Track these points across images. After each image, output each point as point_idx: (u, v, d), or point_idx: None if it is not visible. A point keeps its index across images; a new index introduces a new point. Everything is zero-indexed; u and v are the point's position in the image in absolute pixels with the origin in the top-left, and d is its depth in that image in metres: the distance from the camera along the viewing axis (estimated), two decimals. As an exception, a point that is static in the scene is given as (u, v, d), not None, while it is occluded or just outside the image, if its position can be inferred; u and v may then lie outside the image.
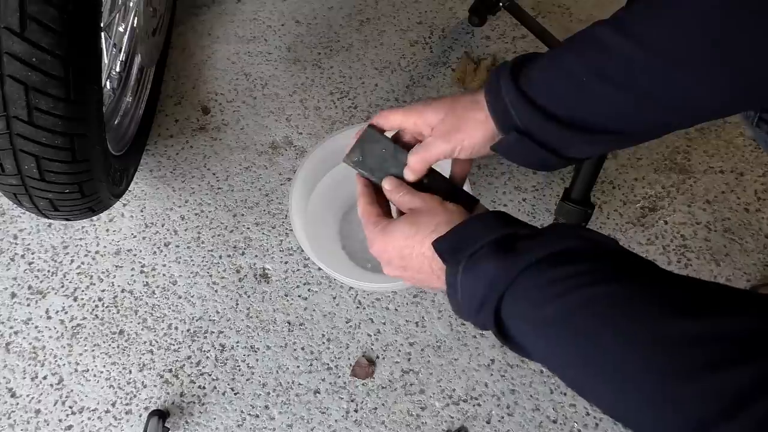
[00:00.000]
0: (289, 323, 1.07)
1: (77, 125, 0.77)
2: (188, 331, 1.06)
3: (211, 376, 1.03)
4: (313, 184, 1.02)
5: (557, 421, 1.00)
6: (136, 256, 1.12)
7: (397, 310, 1.08)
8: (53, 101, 0.71)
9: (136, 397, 1.01)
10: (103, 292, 1.09)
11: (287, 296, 1.09)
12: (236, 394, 1.01)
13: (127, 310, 1.08)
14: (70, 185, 0.83)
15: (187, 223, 1.16)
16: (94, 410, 1.00)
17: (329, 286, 1.10)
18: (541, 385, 1.02)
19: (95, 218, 1.15)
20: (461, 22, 1.38)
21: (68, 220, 0.95)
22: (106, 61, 1.02)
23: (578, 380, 0.45)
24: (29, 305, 1.08)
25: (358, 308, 1.08)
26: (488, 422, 1.00)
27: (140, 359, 1.04)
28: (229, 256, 1.12)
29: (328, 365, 1.04)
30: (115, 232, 1.14)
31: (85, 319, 1.07)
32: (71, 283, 1.10)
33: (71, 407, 1.00)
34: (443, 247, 0.54)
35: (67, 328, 1.06)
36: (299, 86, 1.30)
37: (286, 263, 1.12)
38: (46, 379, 1.02)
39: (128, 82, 1.15)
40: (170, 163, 1.21)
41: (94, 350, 1.04)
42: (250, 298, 1.09)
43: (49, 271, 1.10)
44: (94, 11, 0.73)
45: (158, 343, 1.05)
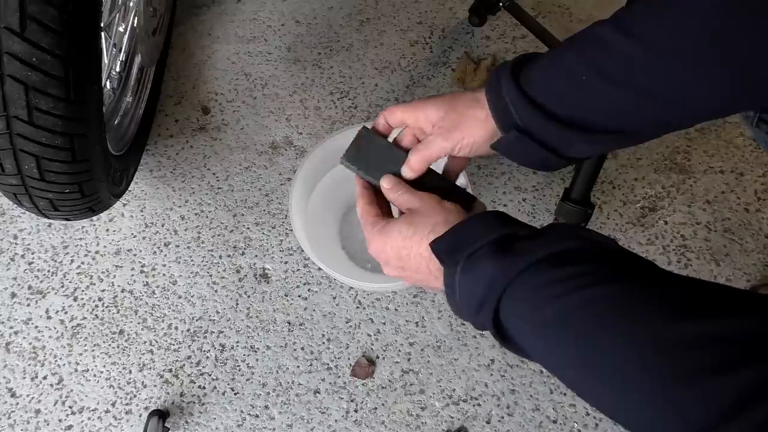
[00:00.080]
0: (289, 323, 1.07)
1: (77, 125, 0.77)
2: (188, 331, 1.06)
3: (211, 376, 1.03)
4: (313, 184, 1.02)
5: (557, 421, 1.00)
6: (136, 256, 1.12)
7: (397, 310, 1.08)
8: (53, 101, 0.71)
9: (136, 397, 1.01)
10: (103, 292, 1.09)
11: (287, 296, 1.09)
12: (236, 394, 1.01)
13: (127, 310, 1.08)
14: (70, 185, 0.83)
15: (187, 223, 1.16)
16: (94, 410, 1.00)
17: (329, 286, 1.10)
18: (541, 385, 1.02)
19: (95, 218, 1.15)
20: (461, 22, 1.38)
21: (68, 220, 0.95)
22: (106, 61, 1.02)
23: (578, 381, 0.45)
24: (29, 305, 1.08)
25: (358, 308, 1.08)
26: (488, 422, 1.00)
27: (140, 359, 1.04)
28: (229, 256, 1.12)
29: (328, 365, 1.04)
30: (115, 232, 1.14)
31: (85, 319, 1.07)
32: (71, 283, 1.10)
33: (71, 407, 1.00)
34: (441, 247, 0.54)
35: (67, 328, 1.06)
36: (299, 86, 1.30)
37: (286, 263, 1.12)
38: (46, 379, 1.02)
39: (128, 82, 1.15)
40: (170, 163, 1.21)
41: (94, 350, 1.04)
42: (250, 298, 1.09)
43: (49, 271, 1.10)
44: (94, 11, 0.73)
45: (158, 343, 1.05)
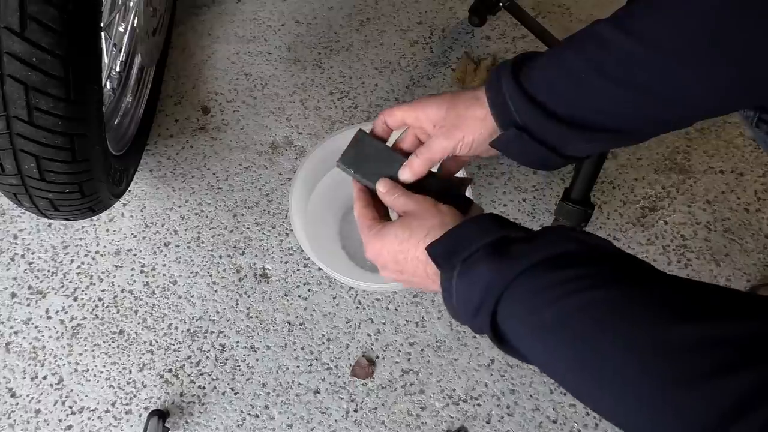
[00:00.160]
0: (289, 323, 1.07)
1: (77, 125, 0.77)
2: (188, 331, 1.06)
3: (211, 376, 1.03)
4: (313, 184, 1.02)
5: (557, 421, 1.00)
6: (136, 256, 1.12)
7: (397, 310, 1.08)
8: (53, 101, 0.71)
9: (136, 397, 1.01)
10: (103, 292, 1.09)
11: (287, 296, 1.09)
12: (236, 394, 1.01)
13: (127, 310, 1.08)
14: (70, 185, 0.83)
15: (187, 223, 1.16)
16: (94, 410, 1.00)
17: (329, 286, 1.10)
18: (541, 385, 1.02)
19: (95, 218, 1.15)
20: (461, 22, 1.38)
21: (68, 220, 0.95)
22: (106, 61, 1.02)
23: (576, 384, 0.45)
24: (29, 305, 1.08)
25: (358, 308, 1.08)
26: (488, 422, 1.00)
27: (140, 359, 1.04)
28: (229, 256, 1.12)
29: (328, 365, 1.04)
30: (115, 232, 1.14)
31: (85, 319, 1.07)
32: (71, 283, 1.10)
33: (71, 407, 1.00)
34: (437, 251, 0.54)
35: (67, 328, 1.06)
36: (299, 86, 1.30)
37: (286, 263, 1.12)
38: (46, 379, 1.02)
39: (128, 82, 1.15)
40: (170, 163, 1.21)
41: (94, 350, 1.04)
42: (250, 298, 1.09)
43: (49, 271, 1.10)
44: (94, 11, 0.73)
45: (158, 343, 1.05)
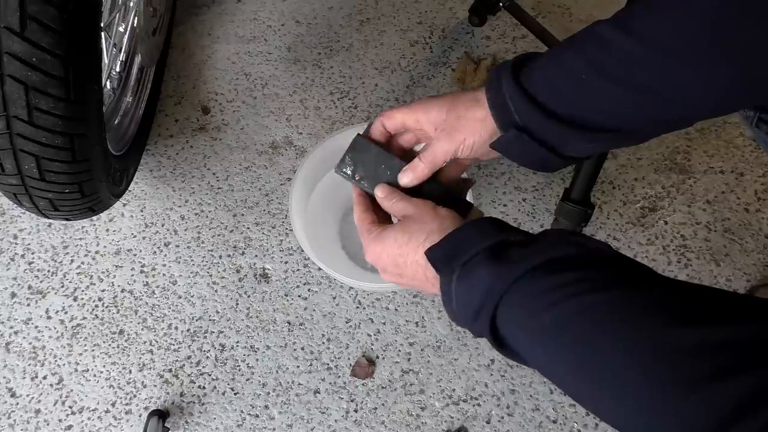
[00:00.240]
0: (289, 323, 1.07)
1: (77, 125, 0.77)
2: (188, 331, 1.06)
3: (211, 376, 1.03)
4: (313, 184, 1.02)
5: (557, 421, 1.00)
6: (136, 256, 1.12)
7: (397, 310, 1.08)
8: (53, 101, 0.71)
9: (136, 397, 1.01)
10: (103, 292, 1.09)
11: (287, 296, 1.09)
12: (236, 394, 1.01)
13: (127, 310, 1.08)
14: (70, 185, 0.83)
15: (187, 223, 1.16)
16: (94, 410, 1.00)
17: (329, 286, 1.10)
18: (541, 385, 1.02)
19: (95, 218, 1.15)
20: (461, 22, 1.38)
21: (68, 220, 0.95)
22: (106, 61, 1.02)
23: (576, 387, 0.45)
24: (29, 305, 1.08)
25: (358, 308, 1.08)
26: (488, 422, 1.00)
27: (140, 359, 1.04)
28: (229, 256, 1.12)
29: (328, 365, 1.04)
30: (115, 232, 1.14)
31: (85, 319, 1.07)
32: (71, 283, 1.10)
33: (71, 407, 1.00)
34: (436, 255, 0.54)
35: (67, 328, 1.06)
36: (299, 86, 1.30)
37: (286, 263, 1.12)
38: (46, 379, 1.02)
39: (128, 82, 1.15)
40: (170, 163, 1.21)
41: (94, 350, 1.04)
42: (250, 298, 1.09)
43: (49, 271, 1.10)
44: (94, 11, 0.73)
45: (158, 343, 1.05)
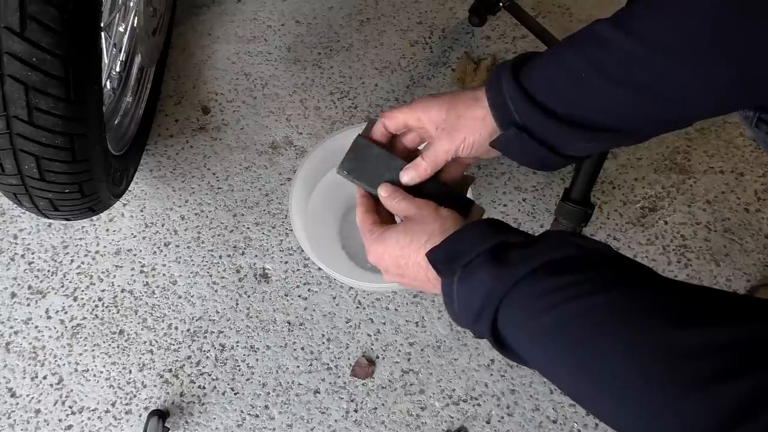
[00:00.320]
0: (289, 323, 1.07)
1: (77, 125, 0.77)
2: (188, 331, 1.06)
3: (211, 376, 1.03)
4: (313, 184, 1.02)
5: (557, 421, 1.00)
6: (136, 256, 1.12)
7: (397, 310, 1.08)
8: (53, 101, 0.71)
9: (136, 397, 1.01)
10: (103, 292, 1.09)
11: (287, 296, 1.09)
12: (236, 394, 1.01)
13: (127, 310, 1.08)
14: (70, 185, 0.83)
15: (187, 223, 1.16)
16: (94, 410, 1.00)
17: (329, 286, 1.10)
18: (541, 385, 1.02)
19: (95, 218, 1.15)
20: (461, 22, 1.38)
21: (68, 219, 0.95)
22: (106, 61, 1.02)
23: (577, 389, 0.45)
24: (29, 305, 1.08)
25: (358, 308, 1.08)
26: (488, 422, 1.00)
27: (140, 359, 1.04)
28: (229, 256, 1.12)
29: (328, 365, 1.04)
30: (115, 232, 1.14)
31: (85, 319, 1.07)
32: (71, 283, 1.10)
33: (71, 407, 1.00)
34: (437, 257, 0.54)
35: (67, 328, 1.06)
36: (299, 86, 1.30)
37: (286, 263, 1.12)
38: (46, 379, 1.02)
39: (128, 82, 1.15)
40: (170, 163, 1.21)
41: (94, 350, 1.04)
42: (250, 298, 1.09)
43: (49, 271, 1.10)
44: (94, 11, 0.73)
45: (158, 343, 1.05)
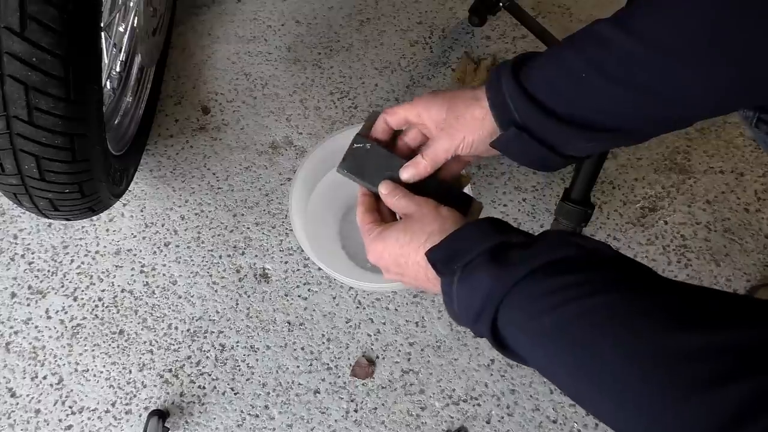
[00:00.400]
0: (289, 323, 1.07)
1: (77, 125, 0.77)
2: (188, 331, 1.06)
3: (211, 376, 1.03)
4: (313, 184, 1.02)
5: (557, 421, 1.00)
6: (136, 256, 1.12)
7: (397, 310, 1.08)
8: (53, 101, 0.71)
9: (136, 397, 1.01)
10: (103, 292, 1.09)
11: (287, 296, 1.09)
12: (236, 394, 1.01)
13: (127, 310, 1.08)
14: (70, 185, 0.83)
15: (187, 223, 1.16)
16: (94, 410, 1.00)
17: (329, 286, 1.10)
18: (541, 385, 1.02)
19: (95, 218, 1.15)
20: (461, 22, 1.38)
21: (68, 219, 0.95)
22: (106, 61, 1.02)
23: (577, 390, 0.45)
24: (29, 305, 1.08)
25: (358, 308, 1.08)
26: (488, 422, 1.00)
27: (140, 359, 1.04)
28: (229, 256, 1.12)
29: (328, 365, 1.04)
30: (115, 232, 1.14)
31: (85, 319, 1.07)
32: (71, 283, 1.10)
33: (71, 407, 1.00)
34: (437, 257, 0.54)
35: (67, 328, 1.06)
36: (299, 86, 1.30)
37: (286, 263, 1.12)
38: (46, 379, 1.02)
39: (128, 82, 1.15)
40: (170, 163, 1.21)
41: (94, 350, 1.04)
42: (250, 298, 1.09)
43: (49, 271, 1.10)
44: (94, 11, 0.73)
45: (158, 343, 1.05)
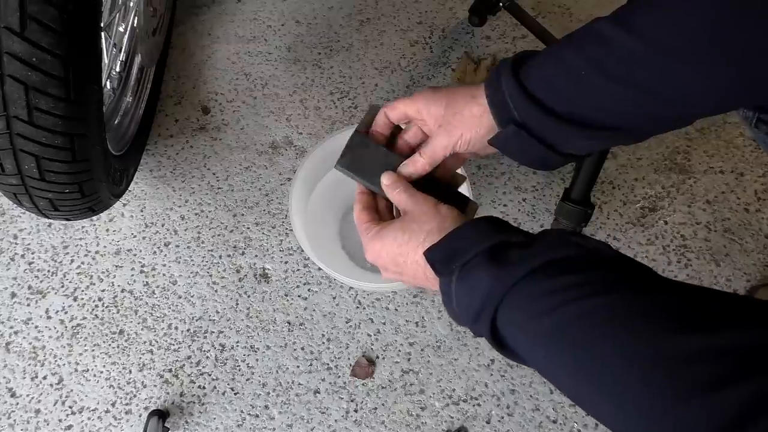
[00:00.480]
0: (289, 323, 1.07)
1: (77, 125, 0.77)
2: (188, 331, 1.06)
3: (211, 376, 1.03)
4: (313, 184, 1.02)
5: (557, 421, 1.00)
6: (136, 256, 1.12)
7: (397, 310, 1.08)
8: (53, 101, 0.71)
9: (136, 397, 1.01)
10: (103, 292, 1.09)
11: (287, 296, 1.09)
12: (236, 394, 1.01)
13: (127, 310, 1.08)
14: (70, 185, 0.83)
15: (187, 223, 1.16)
16: (94, 410, 1.00)
17: (329, 286, 1.10)
18: (541, 385, 1.02)
19: (95, 218, 1.15)
20: (461, 22, 1.38)
21: (68, 220, 0.94)
22: (106, 61, 1.02)
23: (576, 391, 0.45)
24: (29, 305, 1.08)
25: (358, 308, 1.08)
26: (488, 422, 1.00)
27: (140, 359, 1.04)
28: (229, 256, 1.12)
29: (328, 365, 1.04)
30: (115, 232, 1.14)
31: (85, 319, 1.07)
32: (71, 283, 1.10)
33: (71, 407, 1.00)
34: (436, 256, 0.54)
35: (67, 328, 1.06)
36: (299, 86, 1.30)
37: (286, 263, 1.12)
38: (46, 379, 1.02)
39: (128, 82, 1.15)
40: (170, 163, 1.21)
41: (94, 350, 1.04)
42: (250, 298, 1.09)
43: (49, 271, 1.10)
44: (94, 11, 0.73)
45: (158, 343, 1.05)
